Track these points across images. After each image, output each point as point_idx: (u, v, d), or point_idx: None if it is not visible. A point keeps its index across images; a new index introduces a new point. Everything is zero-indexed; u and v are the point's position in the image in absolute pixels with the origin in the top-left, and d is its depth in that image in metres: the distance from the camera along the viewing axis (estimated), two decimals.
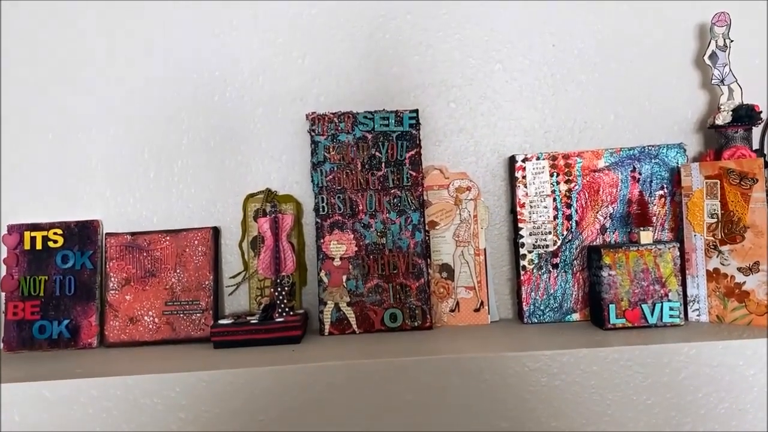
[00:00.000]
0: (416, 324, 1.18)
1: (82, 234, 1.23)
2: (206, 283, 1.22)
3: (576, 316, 1.19)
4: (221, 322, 1.13)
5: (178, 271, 1.22)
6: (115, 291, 1.22)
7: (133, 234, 1.23)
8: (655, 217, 1.18)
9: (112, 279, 1.22)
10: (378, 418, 0.95)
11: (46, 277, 1.22)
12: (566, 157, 1.20)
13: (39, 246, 1.22)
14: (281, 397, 0.95)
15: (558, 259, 1.19)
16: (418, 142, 1.21)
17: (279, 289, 1.16)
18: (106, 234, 1.24)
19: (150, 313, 1.21)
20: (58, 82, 1.27)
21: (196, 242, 1.23)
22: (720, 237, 1.10)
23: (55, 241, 1.23)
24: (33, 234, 1.23)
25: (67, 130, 1.27)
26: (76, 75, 1.27)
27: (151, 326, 1.21)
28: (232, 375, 0.95)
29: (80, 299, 1.21)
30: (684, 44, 1.26)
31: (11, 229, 1.23)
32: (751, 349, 0.96)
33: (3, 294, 1.22)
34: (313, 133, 1.21)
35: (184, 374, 0.95)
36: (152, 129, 1.27)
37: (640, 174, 1.19)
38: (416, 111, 1.22)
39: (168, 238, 1.23)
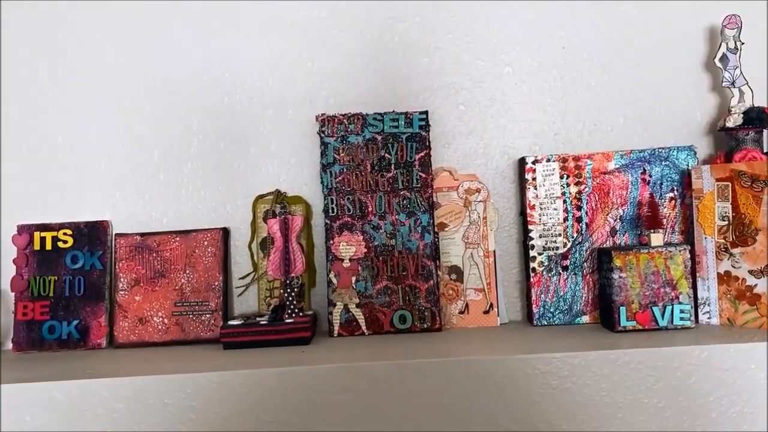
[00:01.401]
0: (425, 326, 1.18)
1: (92, 234, 1.24)
2: (216, 284, 1.22)
3: (586, 319, 1.19)
4: (231, 323, 1.14)
5: (187, 271, 1.22)
6: (124, 291, 1.22)
7: (142, 235, 1.24)
8: (665, 220, 1.18)
9: (122, 279, 1.22)
10: (387, 419, 0.95)
11: (56, 278, 1.22)
12: (576, 159, 1.20)
13: (49, 246, 1.23)
14: (291, 398, 0.95)
15: (568, 261, 1.19)
16: (427, 143, 1.21)
17: (288, 290, 1.16)
18: (116, 235, 1.24)
19: (159, 313, 1.21)
20: (68, 83, 1.27)
21: (205, 243, 1.23)
22: (731, 239, 1.10)
23: (65, 242, 1.23)
24: (43, 234, 1.23)
25: (77, 132, 1.27)
26: (86, 76, 1.28)
27: (160, 327, 1.21)
28: (241, 376, 0.95)
29: (90, 300, 1.21)
30: (694, 46, 1.26)
31: (21, 229, 1.23)
32: (762, 353, 0.96)
33: (13, 294, 1.22)
34: (322, 135, 1.21)
35: (193, 375, 0.95)
36: (162, 130, 1.27)
37: (650, 176, 1.19)
38: (426, 112, 1.22)
39: (177, 238, 1.23)
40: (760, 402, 0.96)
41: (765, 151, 1.19)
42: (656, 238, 1.11)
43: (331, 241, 1.20)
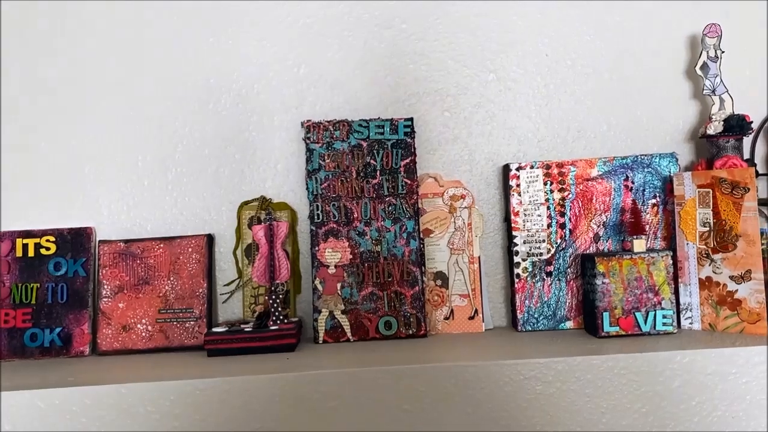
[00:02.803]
0: (411, 332, 1.18)
1: (75, 241, 1.23)
2: (200, 290, 1.21)
3: (570, 324, 1.20)
4: (215, 330, 1.13)
5: (171, 278, 1.22)
6: (108, 299, 1.21)
7: (126, 241, 1.23)
8: (648, 226, 1.19)
9: (105, 287, 1.21)
10: (373, 426, 0.95)
11: (38, 285, 1.21)
12: (560, 165, 1.21)
13: (31, 253, 1.22)
14: (276, 405, 0.94)
15: (552, 267, 1.20)
16: (412, 150, 1.22)
17: (273, 296, 1.15)
18: (100, 241, 1.23)
19: (143, 320, 1.20)
20: (50, 89, 1.27)
21: (190, 250, 1.22)
22: (712, 245, 1.11)
23: (48, 249, 1.22)
24: (25, 241, 1.22)
25: (61, 138, 1.26)
26: (69, 82, 1.27)
27: (144, 334, 1.20)
28: (226, 383, 0.94)
29: (73, 307, 1.20)
30: (676, 55, 1.28)
31: (3, 236, 1.22)
32: (743, 357, 0.97)
33: None
34: (308, 141, 1.22)
35: (178, 382, 0.94)
36: (147, 136, 1.27)
37: (633, 183, 1.20)
38: (411, 119, 1.22)
39: (162, 245, 1.23)
40: (742, 406, 0.97)
41: (745, 158, 1.21)
42: (639, 244, 1.12)
43: (317, 248, 1.19)
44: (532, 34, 1.29)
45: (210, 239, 1.24)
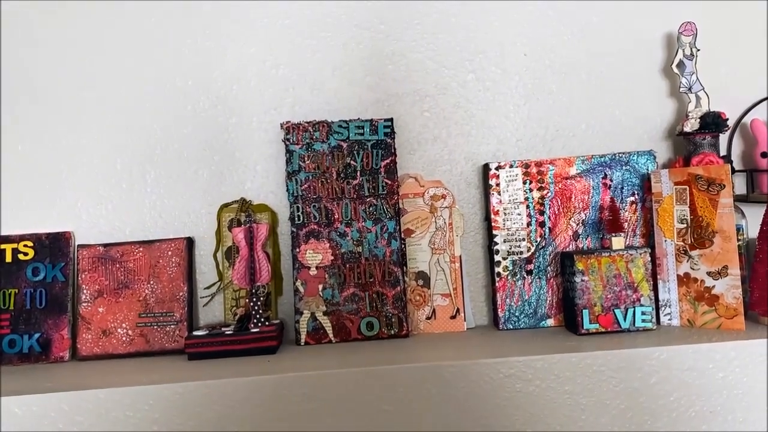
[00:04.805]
0: (393, 332, 1.18)
1: (54, 246, 1.21)
2: (180, 294, 1.21)
3: (550, 322, 1.20)
4: (196, 333, 1.12)
5: (151, 282, 1.21)
6: (87, 303, 1.20)
7: (105, 245, 1.22)
8: (626, 223, 1.20)
9: (85, 291, 1.20)
10: (355, 427, 0.95)
11: (17, 290, 1.19)
12: (539, 164, 1.21)
13: (9, 259, 1.20)
14: (257, 408, 0.94)
15: (532, 265, 1.20)
16: (393, 150, 1.22)
17: (254, 299, 1.15)
18: (78, 246, 1.22)
19: (123, 325, 1.19)
20: (27, 92, 1.25)
21: (169, 253, 1.22)
22: (690, 242, 1.12)
23: (26, 254, 1.21)
24: (2, 246, 1.21)
25: (38, 141, 1.25)
26: (46, 85, 1.26)
27: (124, 339, 1.19)
28: (207, 387, 0.94)
29: (52, 312, 1.19)
30: (652, 53, 1.29)
31: None
32: (720, 353, 0.98)
33: None
34: (287, 143, 1.21)
35: (158, 387, 0.94)
36: (125, 139, 1.26)
37: (611, 181, 1.21)
38: (391, 120, 1.22)
39: (141, 249, 1.22)
40: (719, 401, 0.98)
41: (722, 154, 1.22)
42: (618, 242, 1.13)
43: (298, 249, 1.19)
44: (510, 34, 1.29)
45: (190, 242, 1.23)
